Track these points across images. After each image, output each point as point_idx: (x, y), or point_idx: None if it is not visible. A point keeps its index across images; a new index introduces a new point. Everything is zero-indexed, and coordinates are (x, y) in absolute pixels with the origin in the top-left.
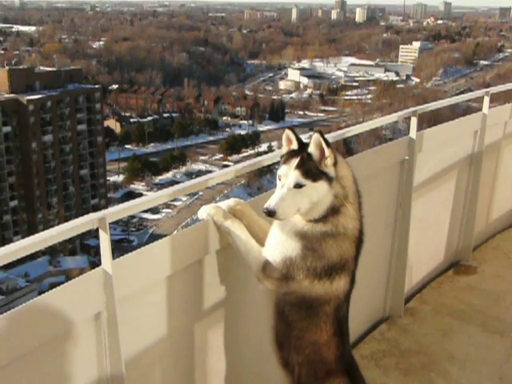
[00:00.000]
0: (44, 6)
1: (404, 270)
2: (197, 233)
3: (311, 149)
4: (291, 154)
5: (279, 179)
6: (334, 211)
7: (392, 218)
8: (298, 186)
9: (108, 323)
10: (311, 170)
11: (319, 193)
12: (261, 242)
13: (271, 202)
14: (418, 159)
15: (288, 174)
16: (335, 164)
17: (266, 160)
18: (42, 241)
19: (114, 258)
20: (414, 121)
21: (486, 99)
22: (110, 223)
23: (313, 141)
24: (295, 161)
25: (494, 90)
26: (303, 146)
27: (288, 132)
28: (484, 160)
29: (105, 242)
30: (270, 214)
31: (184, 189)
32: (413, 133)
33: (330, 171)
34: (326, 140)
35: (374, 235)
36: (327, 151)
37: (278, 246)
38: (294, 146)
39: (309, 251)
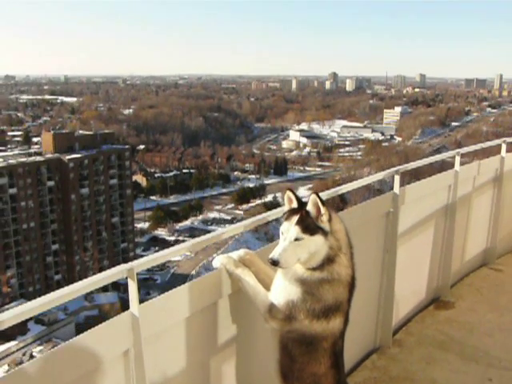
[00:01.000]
0: (84, 81)
1: (391, 306)
2: (212, 279)
3: (309, 207)
4: (292, 212)
5: (282, 233)
6: (329, 260)
7: (380, 262)
8: (298, 239)
9: (135, 359)
10: (309, 225)
11: (316, 245)
12: (267, 287)
13: (275, 253)
14: (401, 211)
15: (289, 229)
16: (330, 220)
17: (271, 215)
18: (81, 288)
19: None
20: (397, 178)
21: (457, 158)
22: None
23: (310, 200)
24: (295, 218)
25: (463, 150)
26: (302, 205)
27: (289, 193)
28: (457, 210)
29: (133, 289)
30: (274, 263)
31: (200, 242)
32: (396, 188)
33: (326, 226)
34: (321, 199)
35: (365, 276)
36: (323, 209)
37: (282, 290)
38: (294, 204)
39: (308, 295)
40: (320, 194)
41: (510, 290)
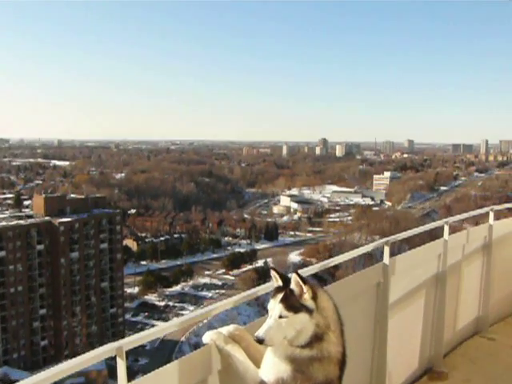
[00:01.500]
0: (77, 145)
1: (384, 377)
2: (201, 355)
3: (292, 286)
4: (277, 290)
5: (268, 311)
6: (317, 338)
7: (371, 333)
8: (282, 317)
9: None
10: (293, 303)
11: (301, 323)
12: (257, 363)
13: (260, 330)
14: (391, 281)
15: (274, 307)
16: (315, 297)
17: (260, 290)
18: (68, 368)
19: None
20: (386, 249)
21: (446, 228)
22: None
23: (292, 280)
24: (280, 296)
25: (452, 219)
26: (287, 282)
27: (273, 272)
28: (448, 278)
29: (121, 367)
30: (259, 341)
31: (190, 319)
32: (386, 259)
33: (309, 304)
34: (302, 278)
35: (356, 348)
36: (305, 288)
37: (272, 367)
38: (280, 282)
39: (298, 373)
40: (311, 267)
41: (504, 359)
